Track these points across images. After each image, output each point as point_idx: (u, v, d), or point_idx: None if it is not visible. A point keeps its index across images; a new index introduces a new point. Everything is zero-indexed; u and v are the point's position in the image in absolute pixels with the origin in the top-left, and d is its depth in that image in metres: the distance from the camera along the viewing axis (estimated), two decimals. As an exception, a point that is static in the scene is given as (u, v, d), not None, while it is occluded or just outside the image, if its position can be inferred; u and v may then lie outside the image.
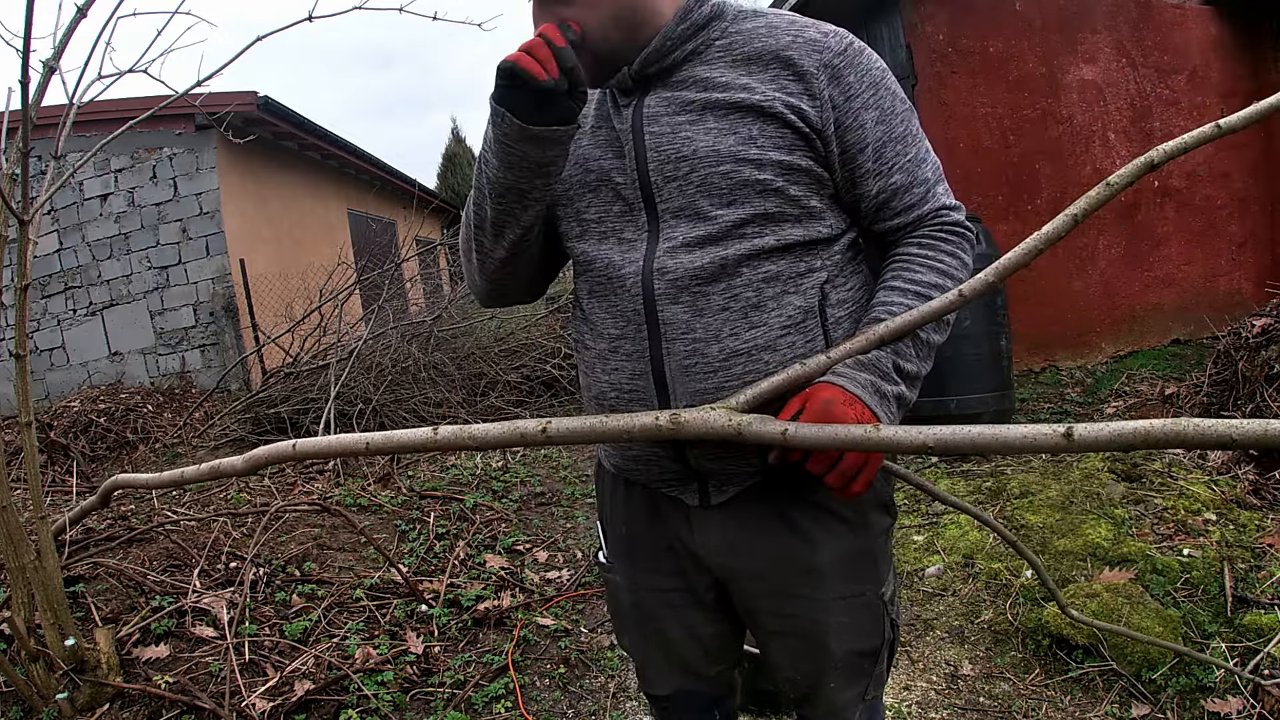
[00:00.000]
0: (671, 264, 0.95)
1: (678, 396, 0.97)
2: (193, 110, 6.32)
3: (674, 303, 0.95)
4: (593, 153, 1.04)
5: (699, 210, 0.95)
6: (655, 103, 0.99)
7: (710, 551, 1.06)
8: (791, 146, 0.94)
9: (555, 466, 4.54)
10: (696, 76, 0.98)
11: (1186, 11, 5.41)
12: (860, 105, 0.95)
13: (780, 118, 0.94)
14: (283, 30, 2.18)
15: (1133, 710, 1.82)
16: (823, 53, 0.95)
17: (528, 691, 2.17)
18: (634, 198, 0.99)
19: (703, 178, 0.94)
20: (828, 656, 1.05)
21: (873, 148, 0.96)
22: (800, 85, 0.95)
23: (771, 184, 0.94)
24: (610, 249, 1.01)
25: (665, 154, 0.96)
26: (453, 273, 10.33)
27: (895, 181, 0.98)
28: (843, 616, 1.04)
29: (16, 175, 1.87)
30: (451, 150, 19.91)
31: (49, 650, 1.91)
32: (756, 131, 0.94)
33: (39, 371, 7.68)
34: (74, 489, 4.35)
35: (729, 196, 0.94)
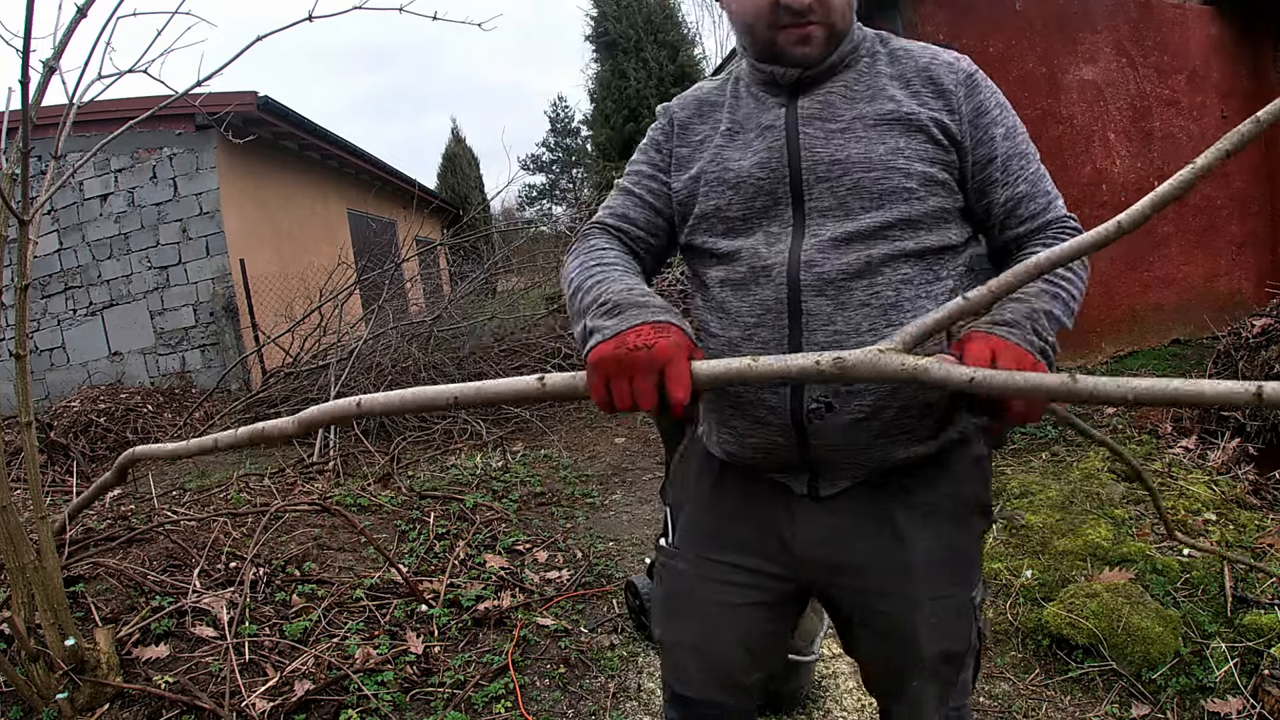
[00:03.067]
0: (820, 258, 0.99)
1: (812, 385, 0.99)
2: (193, 110, 6.32)
3: (819, 295, 0.99)
4: (733, 154, 1.07)
5: (848, 210, 1.00)
6: (810, 105, 1.04)
7: (807, 542, 1.08)
8: (934, 159, 1.02)
9: (555, 466, 4.54)
10: (848, 85, 1.05)
11: (1186, 11, 5.41)
12: (990, 121, 1.04)
13: (926, 130, 1.01)
14: (283, 30, 2.18)
15: (1133, 710, 1.82)
16: (958, 73, 1.05)
17: (528, 691, 2.17)
18: (783, 194, 1.03)
19: (855, 181, 1.00)
20: (916, 656, 1.07)
21: (1001, 160, 1.04)
22: (942, 101, 1.03)
23: (915, 192, 1.00)
24: (757, 242, 1.04)
25: (819, 156, 1.01)
26: (453, 273, 10.33)
27: (1021, 191, 1.05)
28: (933, 617, 1.06)
29: (16, 175, 1.86)
30: (451, 150, 19.92)
31: (49, 650, 1.91)
32: (904, 143, 1.01)
33: (39, 371, 7.68)
34: (74, 489, 4.35)
35: (877, 201, 0.99)
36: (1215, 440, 3.10)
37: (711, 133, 1.11)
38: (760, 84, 1.09)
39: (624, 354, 0.87)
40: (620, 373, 0.88)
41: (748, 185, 1.05)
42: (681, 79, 10.93)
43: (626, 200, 1.17)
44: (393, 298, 6.77)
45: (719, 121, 1.11)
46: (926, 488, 1.06)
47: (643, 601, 2.41)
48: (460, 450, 4.82)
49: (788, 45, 1.02)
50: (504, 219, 24.34)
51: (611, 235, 1.15)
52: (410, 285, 8.84)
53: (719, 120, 1.12)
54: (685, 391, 0.86)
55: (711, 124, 1.12)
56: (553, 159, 31.46)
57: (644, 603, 2.41)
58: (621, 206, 1.16)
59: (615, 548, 3.28)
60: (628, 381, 0.88)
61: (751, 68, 1.10)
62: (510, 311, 7.07)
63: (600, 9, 11.14)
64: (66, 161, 5.87)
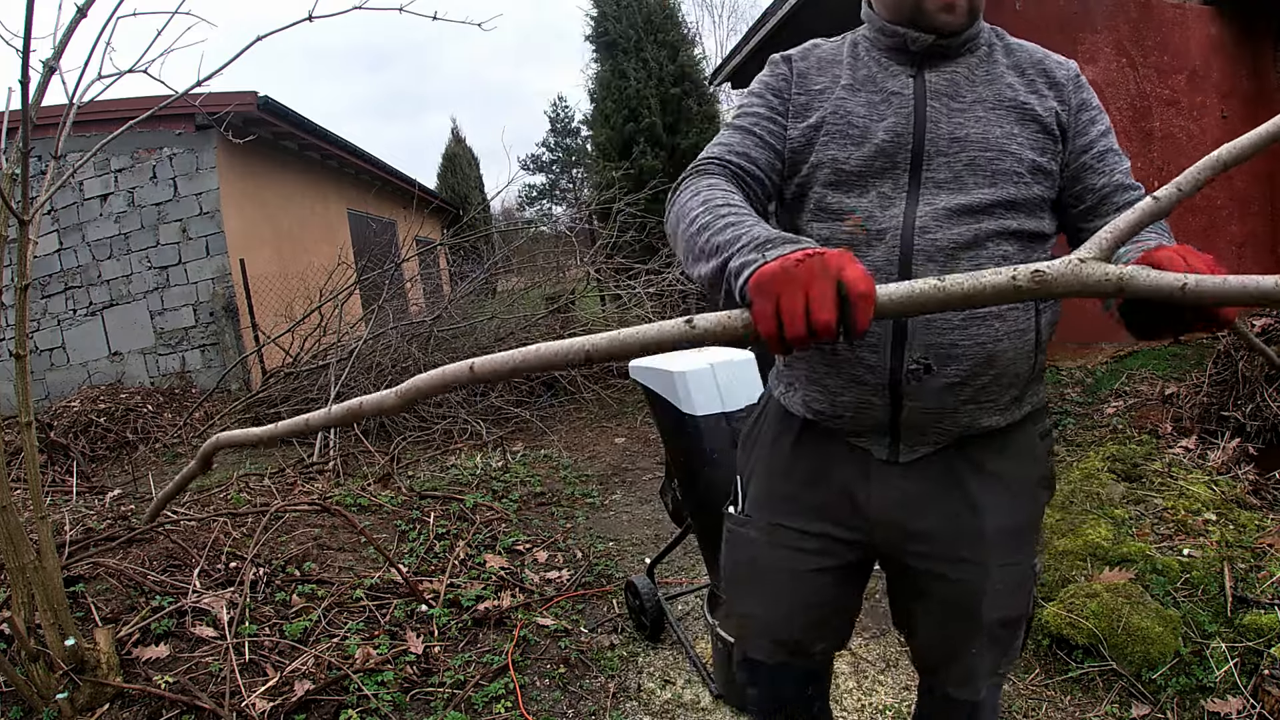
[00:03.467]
0: (934, 225, 1.03)
1: (913, 346, 1.03)
2: (193, 110, 6.32)
3: (929, 261, 1.02)
4: (857, 109, 1.09)
5: (962, 184, 1.04)
6: (937, 81, 1.08)
7: (882, 506, 1.12)
8: (1043, 148, 1.07)
9: (555, 466, 4.54)
10: (970, 68, 1.09)
11: (1186, 11, 5.41)
12: (1090, 118, 1.10)
13: (1039, 121, 1.07)
14: (283, 30, 2.18)
15: (1133, 710, 1.82)
16: (1069, 70, 1.12)
17: (528, 691, 2.17)
18: (903, 160, 1.06)
19: (971, 159, 1.04)
20: (979, 622, 1.11)
21: (1097, 151, 1.09)
22: (1054, 92, 1.09)
23: (1024, 177, 1.05)
24: (871, 202, 1.06)
25: (942, 131, 1.05)
26: (453, 273, 10.33)
27: (1117, 180, 1.09)
28: (999, 584, 1.10)
29: (16, 175, 1.86)
30: (451, 150, 19.90)
31: (49, 650, 1.91)
32: (1018, 130, 1.06)
33: (39, 371, 7.68)
34: (74, 489, 4.35)
35: (990, 179, 1.04)
36: (1215, 440, 3.10)
37: (832, 85, 1.12)
38: (886, 50, 1.12)
39: (792, 265, 0.75)
40: (792, 286, 0.74)
41: (870, 144, 1.06)
42: (681, 79, 10.91)
43: (747, 140, 1.13)
44: (393, 298, 6.77)
45: (839, 76, 1.12)
46: (998, 457, 1.11)
47: (643, 601, 2.41)
48: (460, 450, 4.82)
49: (934, 11, 1.05)
50: (504, 219, 24.34)
51: (731, 174, 1.09)
52: (410, 285, 8.84)
53: (839, 75, 1.13)
54: (870, 285, 0.74)
55: (831, 77, 1.13)
56: (553, 159, 31.46)
57: (644, 603, 2.41)
58: (741, 145, 1.12)
59: (615, 548, 3.28)
60: (803, 293, 0.74)
61: (878, 33, 1.12)
62: (510, 311, 7.07)
63: (600, 9, 11.13)
64: (66, 161, 5.87)
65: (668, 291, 6.84)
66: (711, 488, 1.99)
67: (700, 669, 2.21)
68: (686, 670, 2.26)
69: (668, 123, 10.75)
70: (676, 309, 6.90)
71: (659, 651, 2.38)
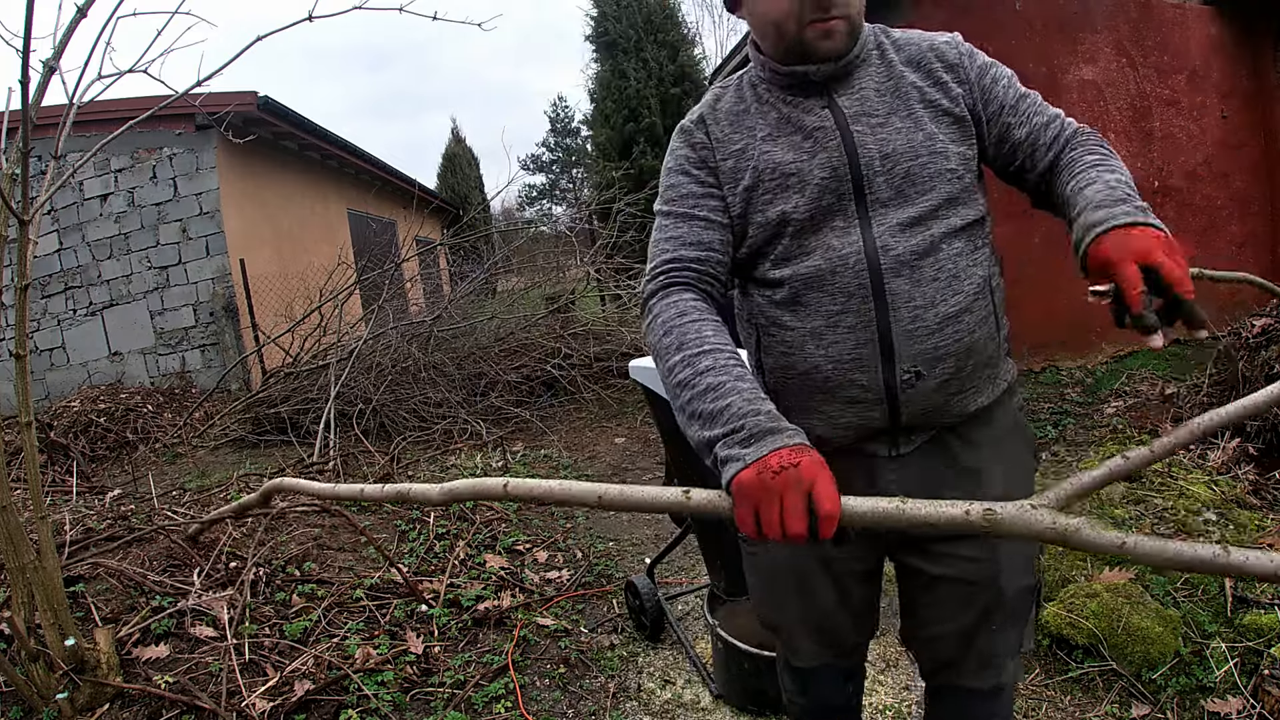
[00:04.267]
0: (894, 242, 1.06)
1: (902, 358, 1.07)
2: (193, 110, 6.32)
3: (897, 276, 1.05)
4: (785, 157, 1.10)
5: (905, 197, 1.07)
6: (849, 103, 1.10)
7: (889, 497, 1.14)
8: (962, 136, 1.11)
9: (555, 467, 4.54)
10: (872, 78, 1.11)
11: (1186, 11, 5.41)
12: (991, 79, 1.13)
13: (950, 114, 1.10)
14: (283, 30, 2.18)
15: (1133, 710, 1.82)
16: (957, 46, 1.14)
17: (528, 691, 2.17)
18: (846, 191, 1.08)
19: (906, 170, 1.07)
20: (999, 595, 1.14)
21: (1009, 105, 1.12)
22: (953, 75, 1.12)
23: (955, 171, 1.08)
24: (827, 236, 1.08)
25: (872, 152, 1.07)
26: (453, 273, 10.33)
27: (1036, 122, 1.12)
28: (1011, 551, 1.14)
29: (16, 175, 1.87)
30: (451, 150, 19.91)
31: (49, 650, 1.91)
32: (936, 128, 1.09)
33: (39, 371, 7.68)
34: (74, 489, 4.35)
35: (928, 184, 1.07)
36: (1215, 440, 3.10)
37: (750, 140, 1.13)
38: (786, 88, 1.13)
39: (769, 478, 0.85)
40: (768, 497, 0.85)
41: (813, 187, 1.07)
42: (681, 79, 10.92)
43: (694, 226, 1.12)
44: (393, 298, 6.77)
45: (754, 129, 1.13)
46: (986, 429, 1.16)
47: (643, 601, 2.41)
48: (460, 450, 4.82)
49: (815, 40, 1.06)
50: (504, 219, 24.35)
51: (693, 280, 1.10)
52: (410, 285, 8.83)
53: (753, 127, 1.13)
54: (835, 505, 0.84)
55: (746, 132, 1.14)
56: (553, 159, 31.46)
57: (644, 603, 2.41)
58: (691, 234, 1.12)
59: (615, 548, 3.28)
60: (778, 504, 0.85)
61: (773, 73, 1.13)
62: (510, 311, 7.07)
63: (600, 9, 11.13)
64: (66, 161, 5.87)
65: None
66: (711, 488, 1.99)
67: (700, 669, 2.21)
68: (686, 670, 2.26)
69: (668, 123, 10.76)
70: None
71: (659, 651, 2.38)
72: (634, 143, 10.67)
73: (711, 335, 1.02)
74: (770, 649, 1.91)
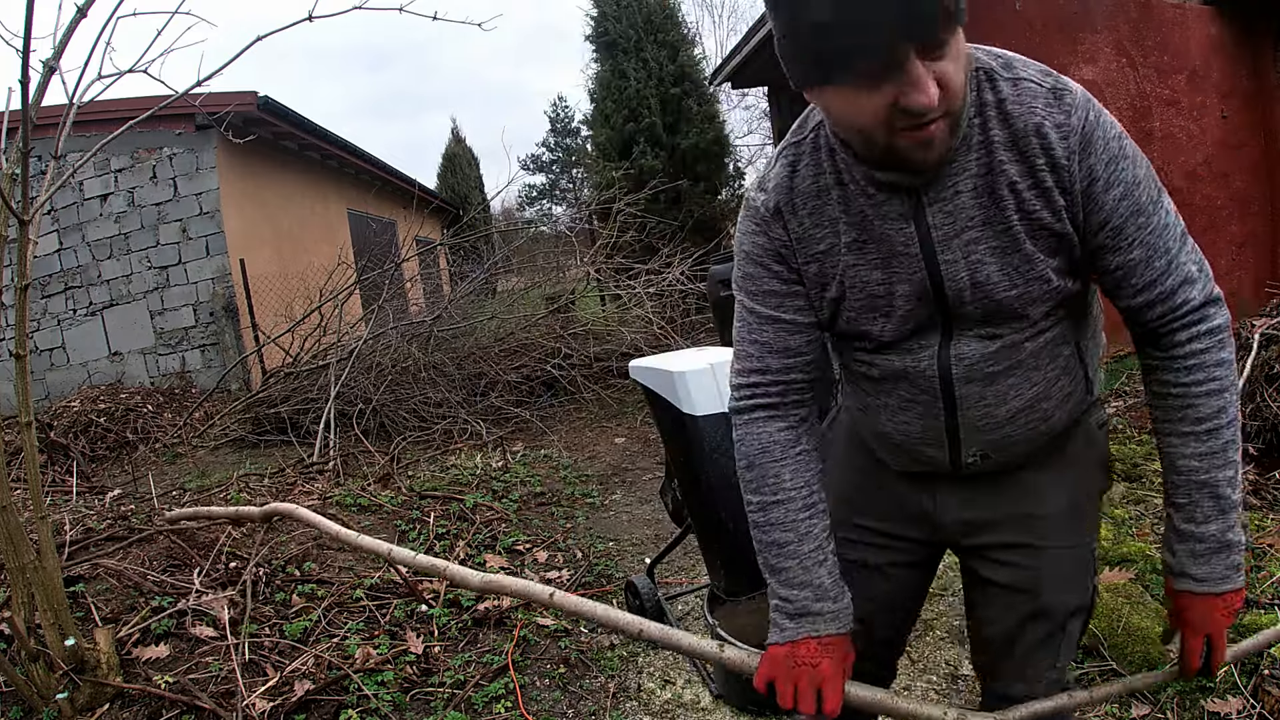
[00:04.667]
0: (968, 352, 1.01)
1: (967, 445, 1.07)
2: (193, 110, 6.32)
3: (969, 382, 1.03)
4: (873, 275, 1.00)
5: (994, 321, 0.99)
6: (938, 219, 0.95)
7: (947, 508, 1.16)
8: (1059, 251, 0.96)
9: (555, 466, 4.54)
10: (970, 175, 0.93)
11: (1186, 11, 5.41)
12: (1102, 188, 0.92)
13: (1049, 229, 0.94)
14: (283, 30, 2.18)
15: (1133, 710, 1.82)
16: (1070, 136, 0.91)
17: (528, 691, 2.17)
18: (932, 317, 1.01)
19: (998, 303, 0.97)
20: (1041, 607, 1.13)
21: (1114, 225, 0.94)
22: (1057, 177, 0.92)
23: (1049, 290, 0.97)
24: (905, 349, 1.04)
25: (961, 282, 0.96)
26: (453, 273, 10.33)
27: (1134, 257, 0.95)
28: (1059, 566, 1.12)
29: (16, 175, 1.86)
30: (451, 150, 19.91)
31: (49, 650, 1.91)
32: (1034, 246, 0.94)
33: (39, 371, 7.68)
34: (74, 489, 4.35)
35: (1021, 310, 0.98)
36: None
37: (835, 241, 1.01)
38: (869, 177, 0.96)
39: (793, 665, 1.05)
40: (787, 679, 1.05)
41: (898, 314, 1.01)
42: (681, 79, 10.92)
43: (777, 332, 1.07)
44: (393, 298, 6.77)
45: (839, 228, 1.00)
46: (1056, 451, 1.12)
47: (643, 601, 2.41)
48: (460, 450, 4.82)
49: (909, 151, 0.88)
50: (504, 219, 24.34)
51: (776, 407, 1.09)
52: (410, 285, 8.84)
53: (836, 221, 1.00)
54: (836, 706, 1.03)
55: (829, 228, 1.01)
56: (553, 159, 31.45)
57: (644, 603, 2.41)
58: (776, 340, 1.07)
59: (615, 548, 3.28)
60: (792, 686, 1.04)
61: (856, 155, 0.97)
62: (510, 311, 7.07)
63: (600, 9, 11.13)
64: (66, 161, 5.87)
65: (668, 291, 6.84)
66: (711, 488, 1.99)
67: (700, 669, 2.21)
68: (686, 670, 2.26)
69: (668, 123, 10.76)
70: (676, 309, 6.90)
71: (659, 651, 2.38)
72: (634, 143, 10.67)
73: (789, 480, 1.08)
74: (770, 649, 1.91)
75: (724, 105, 13.18)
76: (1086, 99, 0.93)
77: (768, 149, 19.20)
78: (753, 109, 20.80)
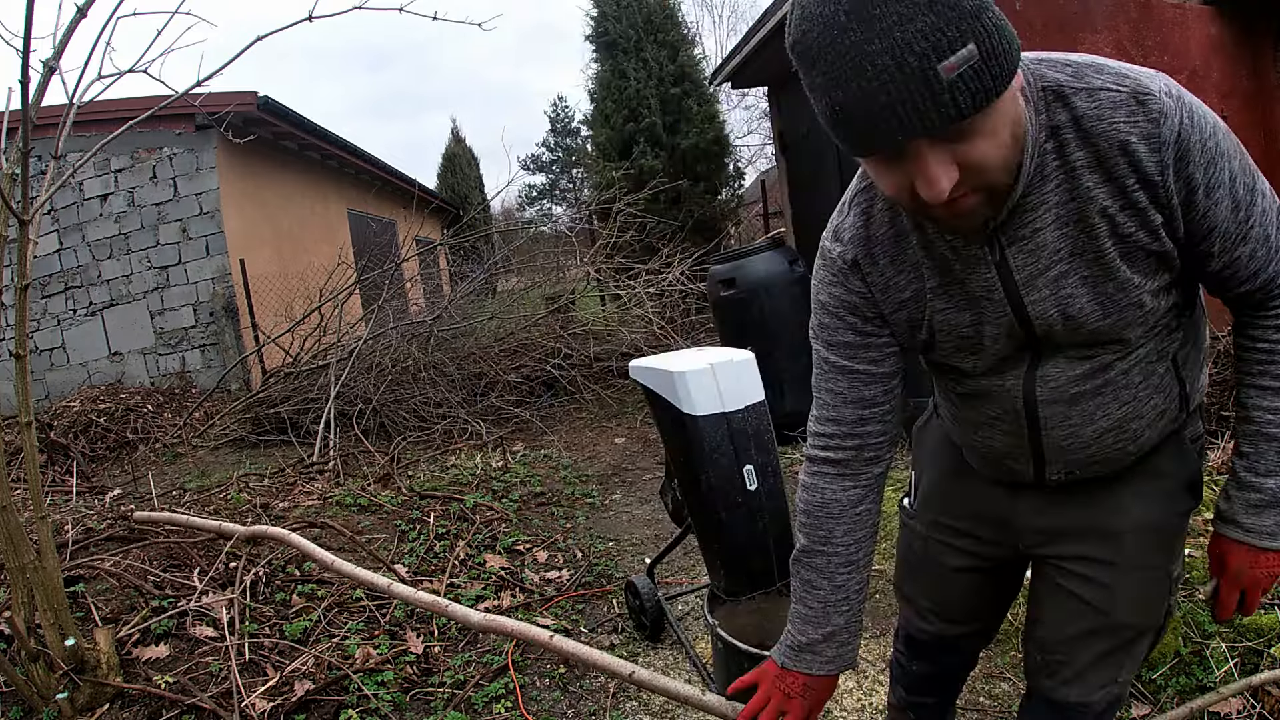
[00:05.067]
0: (1054, 373, 1.00)
1: (1051, 463, 1.08)
2: (193, 110, 6.33)
3: (1054, 403, 1.02)
4: (961, 318, 0.99)
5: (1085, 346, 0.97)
6: (1020, 259, 0.91)
7: (1027, 513, 1.17)
8: (1158, 269, 0.91)
9: (555, 466, 4.54)
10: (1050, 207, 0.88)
11: (1186, 11, 5.41)
12: (1202, 195, 0.87)
13: (1145, 249, 0.89)
14: (283, 30, 2.18)
15: (1133, 710, 1.82)
16: (1161, 148, 0.84)
17: (528, 691, 2.17)
18: (1022, 350, 1.00)
19: (1090, 332, 0.94)
20: (1108, 621, 1.12)
21: (1220, 230, 0.89)
22: (1151, 194, 0.86)
23: (1150, 312, 0.93)
24: (992, 379, 1.05)
25: (1052, 318, 0.93)
26: (453, 273, 10.33)
27: (1238, 254, 0.91)
28: (1135, 587, 1.11)
29: (16, 175, 1.87)
30: (451, 150, 19.91)
31: (49, 650, 1.91)
32: (1129, 271, 0.89)
33: (39, 371, 7.68)
34: (74, 489, 4.35)
35: (1115, 334, 0.95)
36: (1215, 440, 3.10)
37: (920, 286, 0.99)
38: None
39: (778, 686, 1.13)
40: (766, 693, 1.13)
41: (988, 352, 1.00)
42: (681, 79, 10.92)
43: (851, 383, 1.06)
44: (393, 298, 6.77)
45: (922, 272, 0.98)
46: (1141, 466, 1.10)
47: (643, 601, 2.41)
48: (460, 450, 4.82)
49: (944, 223, 0.88)
50: (504, 219, 24.35)
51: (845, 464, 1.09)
52: (410, 285, 8.84)
53: (921, 270, 0.98)
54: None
55: (912, 272, 0.99)
56: (553, 159, 31.49)
57: (644, 603, 2.41)
58: (850, 391, 1.06)
59: (615, 548, 3.28)
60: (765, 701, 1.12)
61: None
62: (510, 311, 7.07)
63: (600, 9, 11.13)
64: (66, 161, 5.87)
65: (668, 291, 6.83)
66: (711, 488, 1.99)
67: (700, 669, 2.21)
68: (686, 670, 2.26)
69: (668, 123, 10.76)
70: (676, 309, 6.90)
71: (659, 651, 2.38)
72: (634, 143, 10.67)
73: (840, 538, 1.11)
74: (768, 649, 1.91)
75: (724, 105, 13.18)
76: (1174, 98, 0.86)
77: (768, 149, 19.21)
78: (753, 109, 20.83)
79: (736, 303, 4.44)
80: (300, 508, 3.41)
